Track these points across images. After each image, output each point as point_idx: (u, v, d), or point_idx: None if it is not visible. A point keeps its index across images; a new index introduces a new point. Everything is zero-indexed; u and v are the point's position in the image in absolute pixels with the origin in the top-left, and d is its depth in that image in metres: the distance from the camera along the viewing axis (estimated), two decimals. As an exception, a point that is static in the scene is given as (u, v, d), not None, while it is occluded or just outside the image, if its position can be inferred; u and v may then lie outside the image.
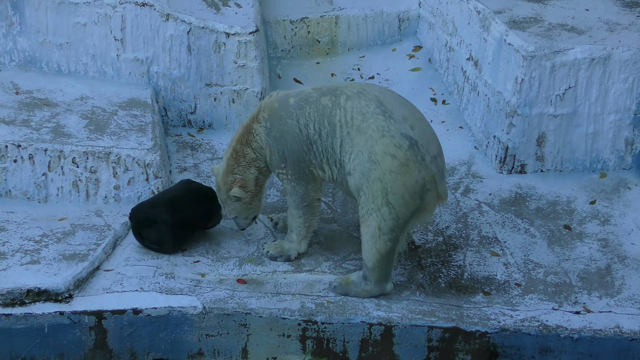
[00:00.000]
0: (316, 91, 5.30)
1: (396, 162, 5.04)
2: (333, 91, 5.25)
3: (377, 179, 5.07)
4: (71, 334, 5.25)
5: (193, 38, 6.77)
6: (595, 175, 6.52)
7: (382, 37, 7.84)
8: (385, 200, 5.08)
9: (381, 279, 5.32)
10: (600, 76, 6.34)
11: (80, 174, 6.01)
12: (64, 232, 5.75)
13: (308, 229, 5.60)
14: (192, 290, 5.38)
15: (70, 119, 6.29)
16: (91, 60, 6.87)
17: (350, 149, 5.16)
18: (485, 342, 5.23)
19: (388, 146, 5.05)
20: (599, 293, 5.48)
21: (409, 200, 5.10)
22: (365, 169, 5.10)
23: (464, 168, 6.58)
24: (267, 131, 5.33)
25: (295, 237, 5.62)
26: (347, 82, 5.29)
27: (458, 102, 7.15)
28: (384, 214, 5.11)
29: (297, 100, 5.29)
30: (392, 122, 5.08)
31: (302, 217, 5.55)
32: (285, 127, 5.29)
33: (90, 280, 5.44)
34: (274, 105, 5.34)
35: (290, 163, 5.35)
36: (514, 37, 6.40)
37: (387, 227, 5.14)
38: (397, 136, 5.06)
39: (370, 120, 5.10)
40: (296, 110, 5.27)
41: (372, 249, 5.20)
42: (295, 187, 5.43)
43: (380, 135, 5.06)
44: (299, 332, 5.29)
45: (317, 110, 5.22)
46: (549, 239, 5.92)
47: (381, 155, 5.05)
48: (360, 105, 5.14)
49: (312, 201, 5.49)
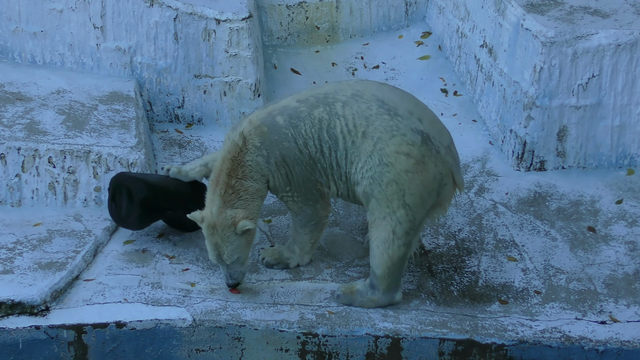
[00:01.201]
0: (303, 104, 5.24)
1: (411, 160, 5.08)
2: (323, 100, 5.23)
3: (392, 181, 5.10)
4: (48, 350, 5.27)
5: (180, 25, 6.79)
6: (622, 172, 6.54)
7: (388, 23, 7.86)
8: (401, 203, 5.12)
9: (390, 288, 5.35)
10: (627, 63, 6.36)
11: (57, 174, 6.03)
12: (40, 238, 5.77)
13: (313, 245, 5.63)
14: (181, 301, 5.40)
15: (46, 115, 6.31)
16: (68, 50, 6.89)
17: (356, 159, 5.18)
18: (503, 355, 5.25)
19: (400, 145, 5.09)
20: (627, 301, 5.50)
21: (427, 198, 5.15)
22: (377, 174, 5.12)
23: (478, 165, 6.60)
24: (265, 159, 5.28)
25: (298, 250, 5.64)
26: (331, 84, 5.25)
27: (471, 93, 7.17)
28: (399, 217, 5.15)
29: (287, 119, 5.25)
30: (399, 119, 5.11)
31: (309, 235, 5.57)
32: (284, 151, 5.26)
33: (69, 291, 5.46)
34: (262, 130, 5.26)
35: (296, 185, 5.36)
36: (531, 21, 6.42)
37: (402, 231, 5.17)
38: (408, 133, 5.10)
39: (376, 123, 5.12)
40: (290, 130, 5.24)
41: (384, 254, 5.22)
42: (302, 207, 5.45)
43: (390, 136, 5.09)
44: (299, 345, 5.31)
45: (313, 126, 5.21)
46: (571, 242, 5.94)
47: (394, 156, 5.08)
48: (360, 109, 5.15)
49: (320, 219, 5.51)
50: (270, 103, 5.39)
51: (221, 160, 5.30)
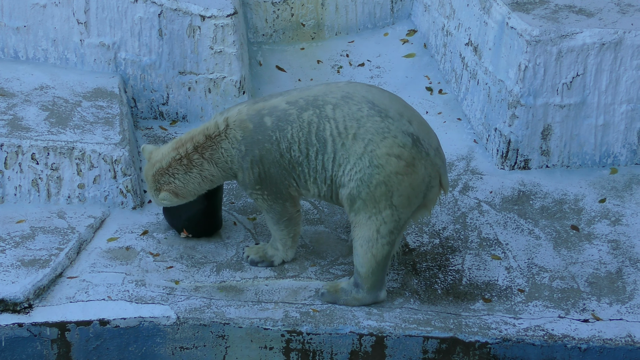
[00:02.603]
0: (293, 106, 5.26)
1: (402, 162, 5.11)
2: (313, 103, 5.24)
3: (382, 183, 5.13)
4: (31, 348, 5.27)
5: (165, 21, 6.79)
6: (605, 171, 6.58)
7: (373, 20, 7.88)
8: (389, 203, 5.16)
9: (374, 287, 5.38)
10: (611, 63, 6.41)
11: (40, 171, 6.02)
12: (23, 235, 5.77)
13: (294, 238, 5.66)
14: (165, 299, 5.41)
15: (29, 111, 6.30)
16: (52, 46, 6.88)
17: (345, 161, 5.19)
18: (486, 354, 5.29)
19: (392, 147, 5.12)
20: (609, 299, 5.55)
21: (414, 199, 5.20)
22: (366, 175, 5.14)
23: (463, 164, 6.63)
24: (241, 154, 5.33)
25: (281, 246, 5.67)
26: (320, 86, 5.28)
27: (456, 91, 7.21)
28: (385, 217, 5.18)
29: (275, 121, 5.26)
30: (391, 121, 5.14)
31: (285, 230, 5.60)
32: (264, 152, 5.29)
33: (52, 288, 5.46)
34: (247, 126, 5.30)
35: (267, 185, 5.39)
36: (517, 20, 6.46)
37: (386, 230, 5.21)
38: (399, 135, 5.13)
39: (367, 125, 5.14)
40: (275, 133, 5.26)
41: (368, 253, 5.25)
42: (272, 205, 5.48)
43: (382, 138, 5.12)
44: (283, 343, 5.33)
45: (301, 129, 5.23)
46: (554, 241, 5.99)
47: (385, 158, 5.11)
48: (351, 111, 5.16)
49: (291, 215, 5.54)
50: (260, 99, 5.40)
51: (196, 131, 5.38)
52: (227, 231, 5.99)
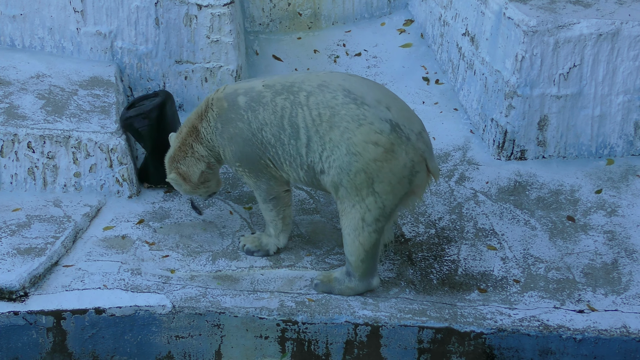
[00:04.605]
0: (269, 89, 5.31)
1: (380, 149, 5.09)
2: (289, 88, 5.27)
3: (361, 171, 5.12)
4: (27, 336, 5.28)
5: (161, 10, 6.77)
6: (601, 161, 6.59)
7: (370, 10, 7.87)
8: (370, 190, 5.14)
9: (366, 274, 5.38)
10: (607, 53, 6.40)
11: (36, 159, 6.02)
12: (19, 223, 5.77)
13: (284, 220, 5.66)
14: (160, 288, 5.41)
15: (25, 99, 6.29)
16: (48, 34, 6.87)
17: (320, 148, 5.19)
18: (481, 344, 5.30)
19: (368, 134, 5.09)
20: (605, 290, 5.56)
21: (397, 186, 5.16)
22: (345, 163, 5.14)
23: (459, 154, 6.63)
24: (218, 132, 5.46)
25: (273, 230, 5.68)
26: (301, 73, 5.32)
27: (453, 81, 7.20)
28: (368, 204, 5.17)
29: (248, 101, 5.34)
30: (367, 107, 5.12)
31: (274, 210, 5.61)
32: (237, 130, 5.38)
33: (48, 276, 5.46)
34: (222, 105, 5.42)
35: (245, 163, 5.46)
36: (514, 10, 6.45)
37: (371, 218, 5.20)
38: (376, 122, 5.10)
39: (342, 112, 5.13)
40: (247, 112, 5.33)
41: (355, 242, 5.25)
42: (256, 182, 5.52)
43: (357, 125, 5.10)
44: (278, 333, 5.34)
45: (274, 113, 5.27)
46: (550, 232, 5.99)
47: (362, 146, 5.10)
48: (325, 99, 5.17)
49: (278, 193, 5.56)
50: (243, 81, 5.55)
51: (192, 114, 5.62)
52: (223, 220, 5.99)
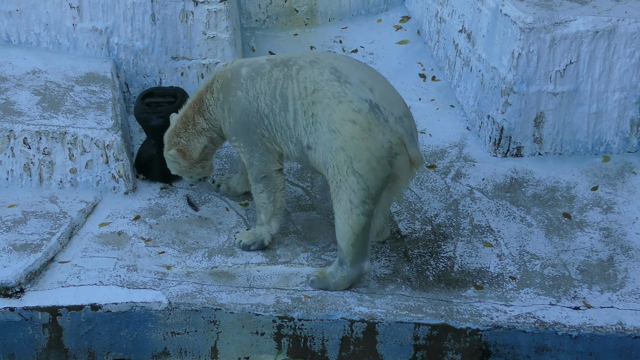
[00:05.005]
0: (269, 62, 5.50)
1: (357, 127, 5.18)
2: (286, 62, 5.44)
3: (340, 148, 5.21)
4: (22, 332, 5.27)
5: (157, 6, 6.76)
6: (597, 158, 6.59)
7: (367, 6, 7.86)
8: (351, 170, 5.21)
9: (357, 259, 5.39)
10: (604, 50, 6.40)
11: (32, 155, 6.01)
12: (15, 220, 5.76)
13: (275, 204, 5.69)
14: (156, 284, 5.41)
15: (21, 95, 6.28)
16: (44, 30, 6.85)
17: (304, 122, 5.32)
18: (477, 340, 5.31)
19: (346, 112, 5.20)
20: (600, 287, 5.56)
21: (377, 166, 5.21)
22: (327, 140, 5.25)
23: (455, 151, 6.63)
24: (219, 102, 5.60)
25: (264, 216, 5.71)
26: (303, 53, 5.47)
27: (449, 78, 7.20)
28: (352, 185, 5.22)
29: (249, 71, 5.52)
30: (349, 86, 5.24)
31: (265, 192, 5.65)
32: (235, 98, 5.52)
33: (44, 273, 5.46)
34: (226, 76, 5.58)
35: (241, 135, 5.56)
36: (510, 7, 6.45)
37: (358, 199, 5.24)
38: (355, 100, 5.21)
39: (325, 89, 5.27)
40: (247, 81, 5.50)
41: (345, 225, 5.29)
42: (249, 159, 5.61)
43: (337, 102, 5.23)
44: (274, 329, 5.34)
45: (269, 83, 5.43)
46: (546, 229, 6.00)
47: (340, 123, 5.20)
48: (313, 75, 5.32)
49: (270, 172, 5.62)
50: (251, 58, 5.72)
51: (195, 93, 5.75)
52: (219, 217, 5.99)
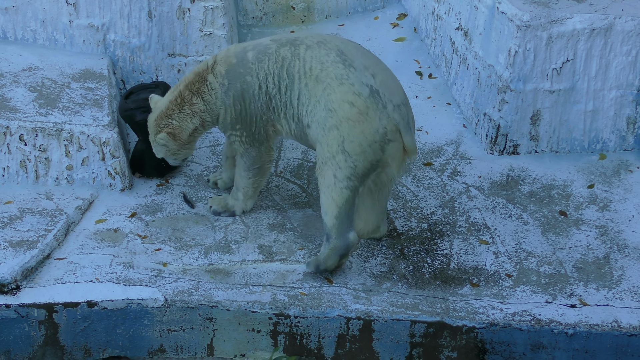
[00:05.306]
0: (275, 42, 5.53)
1: (354, 109, 5.26)
2: (292, 42, 5.49)
3: (334, 127, 5.29)
4: (18, 329, 5.27)
5: (154, 3, 6.76)
6: (594, 156, 6.60)
7: (364, 4, 7.86)
8: (341, 148, 5.28)
9: (342, 230, 5.43)
10: (601, 48, 6.41)
11: (28, 152, 6.00)
12: (11, 216, 5.75)
13: (255, 189, 5.88)
14: (152, 281, 5.40)
15: (17, 92, 6.27)
16: (40, 27, 6.84)
17: (307, 101, 5.39)
18: (473, 338, 5.31)
19: (346, 94, 5.28)
20: (596, 285, 5.57)
21: (368, 149, 5.27)
22: (322, 118, 5.33)
23: (452, 148, 6.63)
24: (224, 89, 5.59)
25: (242, 196, 5.87)
26: (308, 32, 5.50)
27: (446, 76, 7.20)
28: (339, 162, 5.30)
29: (256, 54, 5.53)
30: (352, 70, 5.31)
31: (252, 179, 5.80)
32: (245, 85, 5.54)
33: (40, 269, 5.45)
34: (231, 61, 5.57)
35: (246, 124, 5.59)
36: (507, 4, 6.44)
37: (342, 175, 5.31)
38: (357, 84, 5.29)
39: (329, 69, 5.33)
40: (255, 64, 5.52)
41: (329, 199, 5.36)
42: (247, 149, 5.68)
43: (339, 83, 5.30)
44: (270, 326, 5.34)
45: (276, 62, 5.47)
46: (543, 226, 6.00)
47: (338, 103, 5.28)
48: (319, 55, 5.37)
49: (263, 163, 5.75)
50: (251, 41, 5.70)
51: (189, 72, 5.71)
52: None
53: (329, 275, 5.54)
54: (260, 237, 5.81)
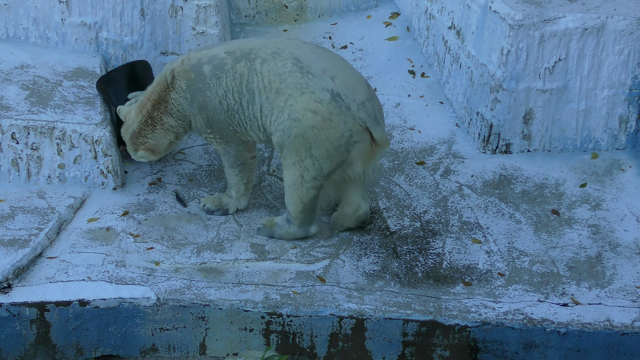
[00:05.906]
0: (230, 56, 5.54)
1: (318, 117, 5.36)
2: (247, 55, 5.51)
3: (300, 135, 5.39)
4: (10, 328, 5.25)
5: (147, 1, 6.74)
6: (586, 155, 6.60)
7: (357, 2, 7.85)
8: (308, 154, 5.42)
9: (304, 223, 5.67)
10: (593, 48, 6.41)
11: (20, 151, 5.98)
12: (2, 215, 5.73)
13: (247, 185, 5.91)
14: (145, 280, 5.39)
15: (9, 90, 6.25)
16: (33, 25, 6.82)
17: (269, 113, 5.47)
18: (465, 337, 5.31)
19: (308, 102, 5.37)
20: (589, 284, 5.57)
21: (334, 153, 5.42)
22: (286, 127, 5.41)
23: (444, 147, 6.63)
24: (188, 101, 5.64)
25: (235, 193, 5.92)
26: (262, 40, 5.54)
27: (438, 75, 7.20)
28: (307, 165, 5.45)
29: (212, 69, 5.55)
30: (311, 77, 5.39)
31: (239, 175, 5.85)
32: (206, 99, 5.59)
33: (32, 268, 5.43)
34: (190, 76, 5.60)
35: (216, 129, 5.67)
36: (500, 3, 6.44)
37: (309, 176, 5.48)
38: (317, 91, 5.37)
39: (288, 80, 5.40)
40: (213, 80, 5.55)
41: (294, 195, 5.54)
42: (225, 148, 5.75)
43: (300, 93, 5.37)
44: (263, 325, 5.33)
45: (234, 79, 5.51)
46: (535, 225, 6.00)
47: (302, 113, 5.37)
48: (276, 67, 5.43)
49: (246, 159, 5.81)
50: (204, 47, 5.72)
51: (152, 88, 5.75)
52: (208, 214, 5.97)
53: (321, 274, 5.54)
54: (252, 236, 5.81)
